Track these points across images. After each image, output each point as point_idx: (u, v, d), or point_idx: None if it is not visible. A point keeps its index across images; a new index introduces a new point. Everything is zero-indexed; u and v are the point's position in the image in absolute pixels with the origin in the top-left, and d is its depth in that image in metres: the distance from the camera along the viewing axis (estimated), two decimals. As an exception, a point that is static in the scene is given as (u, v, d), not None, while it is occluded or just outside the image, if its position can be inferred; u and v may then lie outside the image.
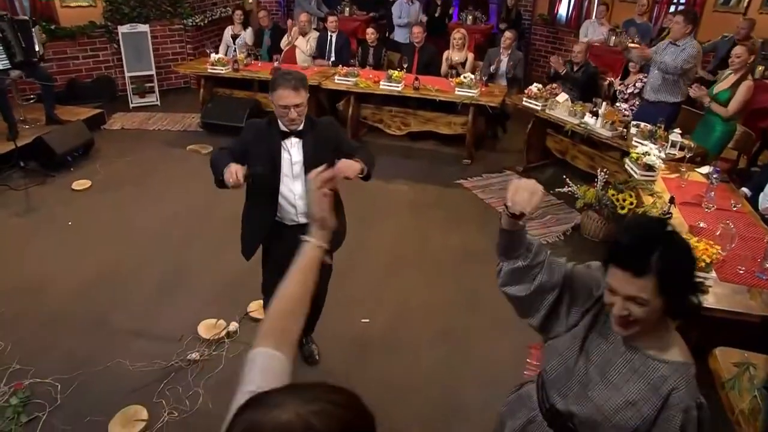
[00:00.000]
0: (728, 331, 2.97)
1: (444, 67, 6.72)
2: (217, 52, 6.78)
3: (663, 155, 4.05)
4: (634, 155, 4.11)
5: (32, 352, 3.27)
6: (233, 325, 3.53)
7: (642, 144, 4.51)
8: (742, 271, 3.04)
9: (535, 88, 5.56)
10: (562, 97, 5.36)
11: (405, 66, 6.41)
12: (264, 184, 2.69)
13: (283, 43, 7.00)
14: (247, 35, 7.15)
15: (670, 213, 3.53)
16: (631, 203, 4.32)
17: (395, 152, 6.40)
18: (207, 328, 3.51)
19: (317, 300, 3.12)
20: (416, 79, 5.90)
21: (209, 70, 6.28)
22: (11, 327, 3.46)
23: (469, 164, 6.16)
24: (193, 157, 5.96)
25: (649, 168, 4.00)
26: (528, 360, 3.41)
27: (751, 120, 5.59)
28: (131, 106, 7.34)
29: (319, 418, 0.73)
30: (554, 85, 5.64)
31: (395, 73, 5.89)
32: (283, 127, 2.61)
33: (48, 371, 3.12)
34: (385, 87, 5.95)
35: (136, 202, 5.01)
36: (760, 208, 3.98)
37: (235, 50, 7.02)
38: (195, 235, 4.51)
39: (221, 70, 6.26)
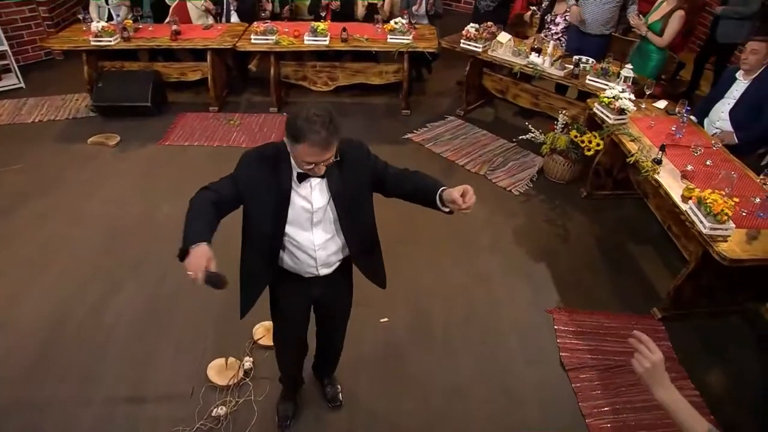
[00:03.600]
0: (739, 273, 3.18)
1: (360, 10, 6.17)
2: (88, 16, 5.63)
3: (633, 97, 4.08)
4: (604, 99, 4.09)
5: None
6: (247, 361, 3.12)
7: (602, 84, 4.53)
8: (744, 214, 3.21)
9: (472, 29, 5.29)
10: (504, 36, 5.17)
11: (323, 15, 5.79)
12: (262, 232, 2.13)
13: (170, -4, 5.95)
14: (122, -9, 5.96)
15: (660, 160, 3.61)
16: (598, 144, 4.38)
17: (327, 111, 5.88)
18: (218, 372, 3.07)
19: (332, 339, 2.76)
20: (344, 30, 5.35)
21: (93, 43, 5.18)
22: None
23: (409, 114, 5.87)
24: (101, 153, 5.01)
25: (621, 111, 4.02)
26: (555, 327, 3.43)
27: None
28: (-12, 94, 5.96)
29: None
30: (490, 24, 5.41)
31: (320, 26, 5.29)
32: (299, 168, 2.00)
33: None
34: (310, 42, 5.33)
35: (52, 224, 4.13)
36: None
37: (110, 12, 5.84)
38: (147, 252, 3.84)
39: (109, 41, 5.18)
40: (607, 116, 4.08)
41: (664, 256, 4.01)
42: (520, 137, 4.92)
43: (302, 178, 2.02)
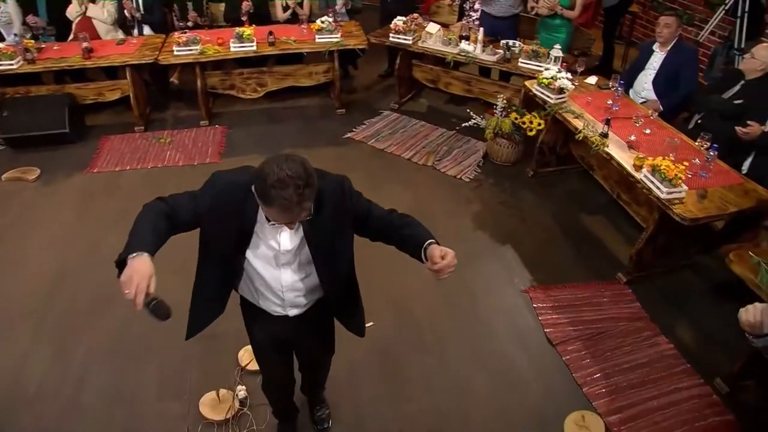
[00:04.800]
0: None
1: (280, 12, 6.00)
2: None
3: (570, 75, 4.27)
4: (544, 80, 4.25)
5: None
6: (240, 390, 2.96)
7: (535, 66, 4.72)
8: (690, 176, 3.46)
9: (400, 22, 5.30)
10: (433, 27, 5.22)
11: (243, 19, 5.57)
12: (219, 261, 1.97)
13: (72, 12, 5.46)
14: (12, 7, 5.34)
15: (607, 134, 3.81)
16: (539, 124, 4.56)
17: (260, 119, 5.71)
18: (212, 407, 2.90)
19: (313, 376, 2.60)
20: (270, 33, 5.18)
21: (-9, 69, 4.67)
22: None
23: (344, 113, 5.80)
24: (21, 190, 4.53)
25: (561, 90, 4.20)
26: (534, 306, 3.54)
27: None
28: None
29: None
30: (416, 15, 5.45)
31: (246, 31, 5.08)
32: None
33: None
34: (237, 49, 5.12)
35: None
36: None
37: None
38: (103, 291, 3.51)
39: (11, 65, 4.69)
40: (549, 96, 4.24)
41: (615, 222, 4.26)
42: (463, 125, 5.01)
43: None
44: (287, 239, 1.89)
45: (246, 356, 3.13)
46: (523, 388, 3.04)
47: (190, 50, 5.01)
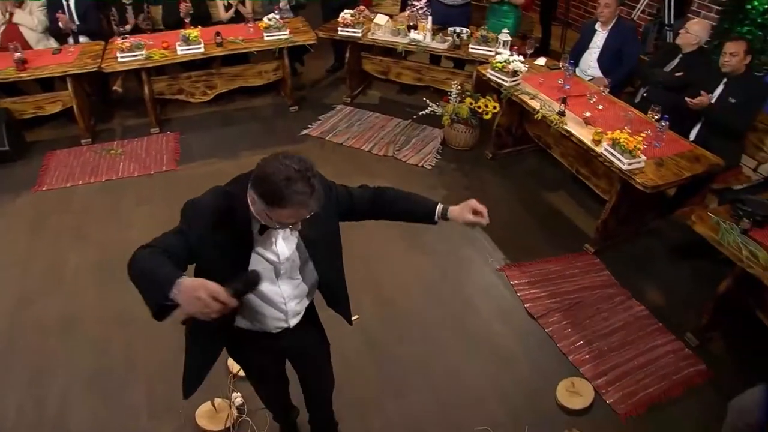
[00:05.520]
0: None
1: (222, 12, 5.85)
2: None
3: (522, 58, 4.40)
4: (498, 65, 4.36)
5: None
6: (236, 397, 2.92)
7: (486, 51, 4.83)
8: (645, 146, 3.65)
9: (348, 15, 5.29)
10: (382, 18, 5.24)
11: (187, 20, 5.39)
12: None
13: (-6, 21, 5.13)
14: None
15: (564, 112, 3.96)
16: (495, 107, 4.69)
17: (212, 122, 5.56)
18: (210, 418, 2.84)
19: (320, 386, 2.45)
20: (217, 34, 5.04)
21: None
22: None
23: (297, 110, 5.74)
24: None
25: (515, 73, 4.33)
26: (512, 283, 3.66)
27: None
28: None
29: None
30: (362, 8, 5.45)
31: (192, 33, 4.93)
32: (262, 221, 1.70)
33: None
34: (185, 52, 4.96)
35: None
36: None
37: None
38: (71, 313, 3.36)
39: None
40: (503, 80, 4.36)
41: (576, 196, 4.45)
42: (420, 113, 5.07)
43: (264, 229, 1.73)
44: (284, 246, 1.81)
45: (236, 364, 3.08)
46: (513, 364, 3.15)
47: (135, 56, 4.80)
